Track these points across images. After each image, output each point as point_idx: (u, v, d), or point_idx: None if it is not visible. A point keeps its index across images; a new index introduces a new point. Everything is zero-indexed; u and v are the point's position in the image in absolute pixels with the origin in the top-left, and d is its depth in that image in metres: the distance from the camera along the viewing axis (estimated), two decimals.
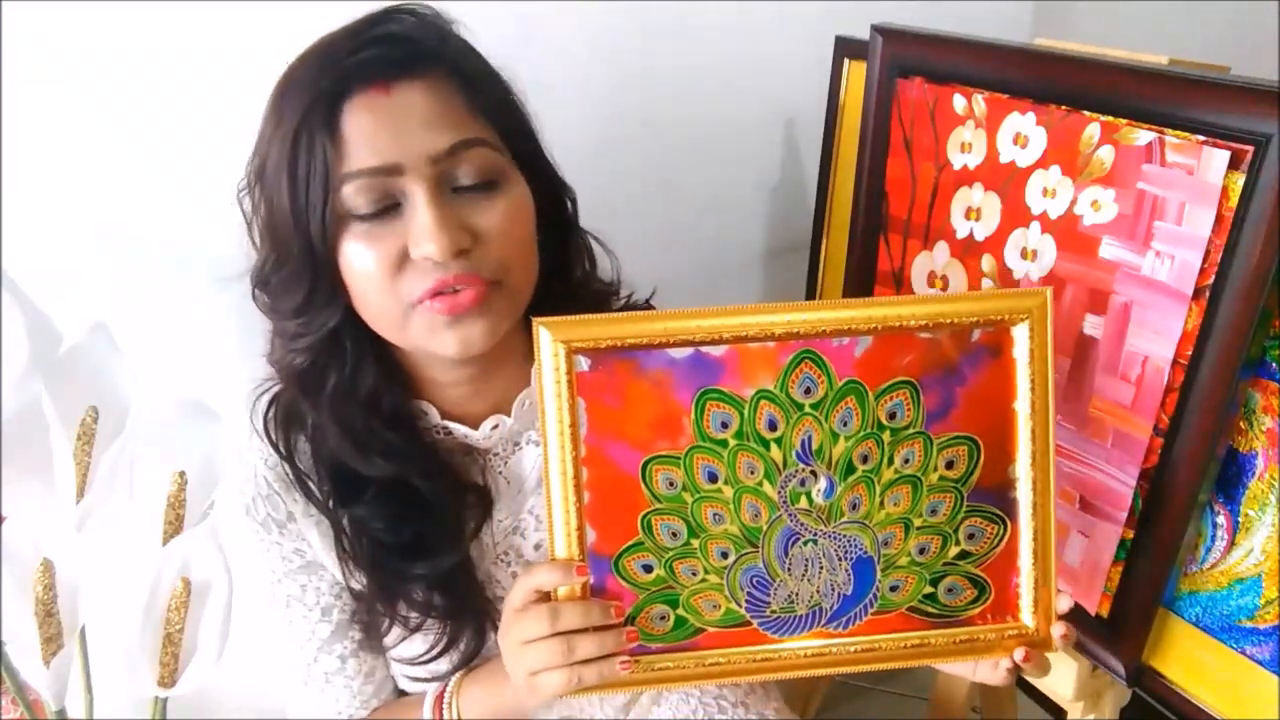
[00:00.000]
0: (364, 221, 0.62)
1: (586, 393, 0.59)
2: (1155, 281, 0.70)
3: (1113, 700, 0.88)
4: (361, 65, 0.61)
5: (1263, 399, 0.69)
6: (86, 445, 0.69)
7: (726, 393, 0.59)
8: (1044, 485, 0.62)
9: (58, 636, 0.68)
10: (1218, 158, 0.64)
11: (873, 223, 0.94)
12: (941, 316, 0.59)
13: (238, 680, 0.87)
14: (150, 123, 0.82)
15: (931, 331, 0.60)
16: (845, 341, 0.59)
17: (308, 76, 0.62)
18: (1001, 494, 0.62)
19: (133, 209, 0.84)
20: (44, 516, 0.68)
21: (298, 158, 0.61)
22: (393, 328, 0.65)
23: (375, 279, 0.62)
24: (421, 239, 0.61)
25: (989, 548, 0.63)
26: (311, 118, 0.60)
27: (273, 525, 0.72)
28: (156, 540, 0.72)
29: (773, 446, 0.60)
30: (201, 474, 0.74)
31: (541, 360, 0.59)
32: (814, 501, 0.61)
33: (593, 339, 0.59)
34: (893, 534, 0.62)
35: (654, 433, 0.60)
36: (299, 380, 0.69)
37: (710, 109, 1.12)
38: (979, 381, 0.60)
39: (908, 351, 0.60)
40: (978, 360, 0.60)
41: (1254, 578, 0.71)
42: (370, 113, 0.61)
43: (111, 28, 0.78)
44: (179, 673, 0.71)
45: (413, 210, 0.62)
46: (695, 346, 0.59)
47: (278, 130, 0.62)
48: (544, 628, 0.60)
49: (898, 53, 0.87)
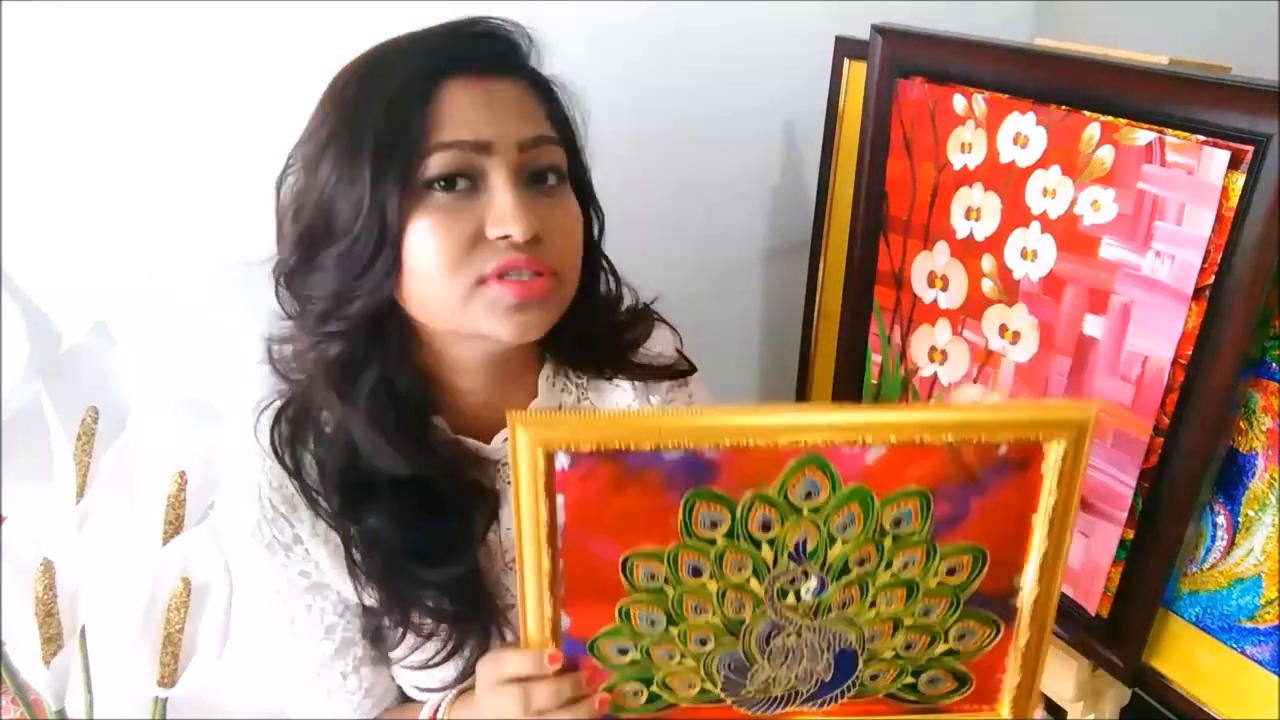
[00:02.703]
0: (445, 194, 0.64)
1: (566, 488, 0.54)
2: (1155, 281, 0.70)
3: (1113, 700, 0.88)
4: (464, 55, 0.65)
5: (1263, 399, 0.69)
6: (86, 445, 0.69)
7: (719, 494, 0.53)
8: (1048, 596, 0.57)
9: (58, 636, 0.68)
10: (1218, 158, 0.64)
11: (873, 223, 0.94)
12: (968, 432, 0.52)
13: (238, 680, 0.87)
14: (150, 123, 0.82)
15: (953, 443, 0.53)
16: (856, 449, 0.53)
17: (405, 58, 0.65)
18: (1002, 600, 0.58)
19: (133, 209, 0.84)
20: (44, 516, 0.68)
21: (389, 127, 0.62)
22: (451, 306, 0.65)
23: (447, 253, 0.63)
24: (504, 218, 0.63)
25: (978, 647, 0.59)
26: (409, 92, 0.63)
27: (279, 548, 0.72)
28: (156, 540, 0.72)
29: (764, 546, 0.55)
30: (201, 474, 0.74)
31: (518, 457, 0.53)
32: (802, 598, 0.57)
33: (574, 441, 0.53)
34: (880, 631, 0.58)
35: (637, 529, 0.55)
36: (330, 371, 0.68)
37: (710, 109, 1.12)
38: (998, 493, 0.54)
39: (924, 461, 0.53)
40: (1001, 473, 0.54)
41: (1254, 578, 0.71)
42: (468, 93, 0.64)
43: (111, 28, 0.78)
44: (179, 673, 0.71)
45: (492, 191, 0.64)
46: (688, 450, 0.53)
47: (360, 104, 0.64)
48: (517, 710, 0.61)
49: (898, 53, 0.87)
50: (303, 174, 0.67)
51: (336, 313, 0.66)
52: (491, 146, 0.64)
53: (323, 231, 0.65)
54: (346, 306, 0.66)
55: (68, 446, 0.68)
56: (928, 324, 0.91)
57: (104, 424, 0.70)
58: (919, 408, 0.54)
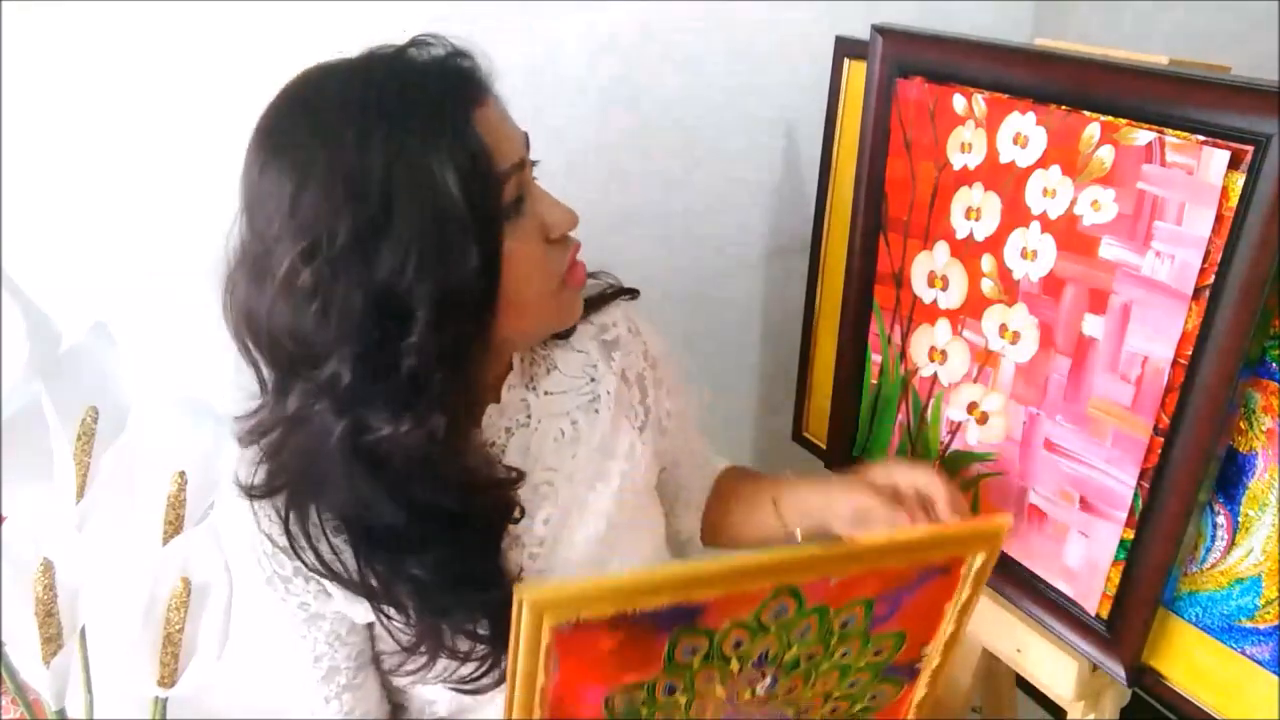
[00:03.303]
0: (513, 215, 0.66)
1: (561, 646, 0.54)
2: (1155, 282, 0.70)
3: (1113, 700, 0.88)
4: (468, 84, 0.65)
5: (1263, 399, 0.69)
6: (86, 445, 0.69)
7: (701, 629, 0.57)
8: (945, 662, 0.66)
9: (58, 636, 0.68)
10: (1217, 158, 0.64)
11: (872, 223, 0.94)
12: (916, 554, 0.60)
13: (238, 680, 0.87)
14: (150, 123, 0.82)
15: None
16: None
17: (419, 96, 0.61)
18: (909, 666, 0.66)
19: (133, 209, 0.84)
20: (44, 516, 0.68)
21: (458, 168, 0.60)
22: (546, 311, 0.71)
23: (539, 262, 0.68)
24: (562, 219, 0.69)
25: (885, 703, 0.68)
26: (460, 130, 0.61)
27: (278, 583, 0.72)
28: (156, 540, 0.72)
29: (733, 660, 0.59)
30: (201, 474, 0.74)
31: (521, 628, 0.53)
32: (757, 694, 0.62)
33: (577, 614, 0.53)
34: (814, 703, 0.65)
35: (623, 668, 0.57)
36: (359, 451, 0.64)
37: (710, 109, 1.12)
38: (924, 592, 0.62)
39: (876, 577, 0.60)
40: (930, 577, 0.62)
41: (1254, 578, 0.71)
42: (491, 120, 0.65)
43: (112, 28, 0.78)
44: (179, 673, 0.71)
45: (534, 199, 0.68)
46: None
47: (410, 150, 0.59)
48: None
49: (898, 53, 0.87)
50: (325, 275, 0.60)
51: (429, 379, 0.63)
52: (526, 162, 0.68)
53: (399, 307, 0.60)
54: (446, 365, 0.63)
55: (68, 446, 0.68)
56: (928, 324, 0.91)
57: (104, 424, 0.70)
58: (877, 537, 0.63)
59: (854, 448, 1.03)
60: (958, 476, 0.90)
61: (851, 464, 1.04)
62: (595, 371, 0.82)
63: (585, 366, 0.82)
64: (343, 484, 0.65)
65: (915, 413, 0.94)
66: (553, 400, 0.79)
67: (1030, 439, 0.82)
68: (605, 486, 0.80)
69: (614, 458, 0.82)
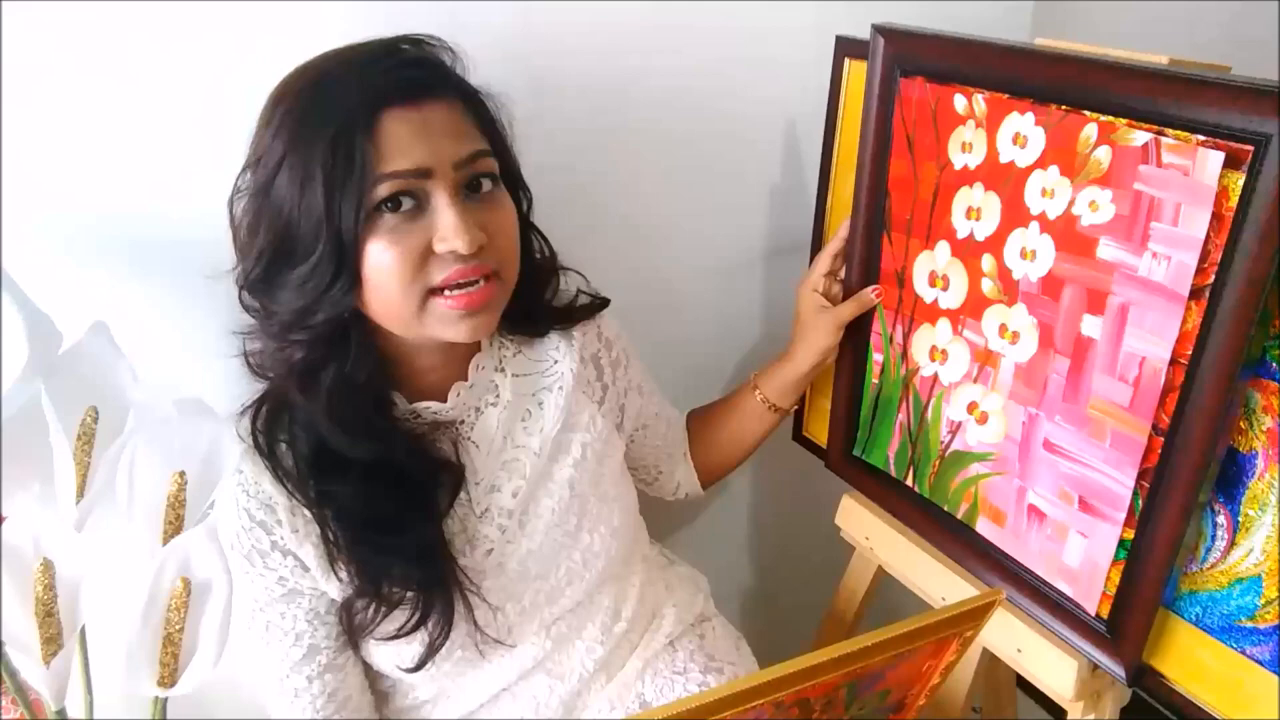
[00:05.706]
0: (394, 217, 0.70)
1: None
2: (1152, 282, 0.70)
3: (1113, 700, 0.89)
4: (395, 84, 0.69)
5: (1263, 399, 0.69)
6: (86, 445, 0.69)
7: None
8: (929, 704, 0.72)
9: (58, 636, 0.68)
10: (1212, 159, 0.64)
11: (874, 222, 0.94)
12: (919, 639, 0.61)
13: (238, 680, 0.87)
14: (150, 122, 0.82)
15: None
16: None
17: (345, 88, 0.69)
18: (895, 706, 0.70)
19: (133, 209, 0.84)
20: (44, 516, 0.68)
21: (335, 159, 0.67)
22: (406, 316, 0.73)
23: (400, 270, 0.70)
24: (449, 235, 0.70)
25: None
26: (353, 125, 0.67)
27: (256, 557, 0.78)
28: (156, 540, 0.72)
29: None
30: (201, 474, 0.74)
31: None
32: None
33: None
34: None
35: None
36: (293, 371, 0.74)
37: (710, 109, 1.12)
38: (910, 664, 0.64)
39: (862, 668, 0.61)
40: (917, 650, 0.63)
41: (1254, 578, 0.71)
42: (405, 124, 0.69)
43: (111, 28, 0.78)
44: (179, 673, 0.71)
45: (436, 210, 0.70)
46: None
47: (307, 133, 0.68)
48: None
49: (899, 52, 0.87)
50: (257, 195, 0.71)
51: (300, 324, 0.72)
52: (431, 171, 0.70)
53: (283, 253, 0.71)
54: (310, 318, 0.72)
55: (68, 446, 0.68)
56: (928, 323, 0.91)
57: (104, 424, 0.70)
58: (880, 633, 0.61)
59: (854, 447, 1.03)
60: (958, 476, 0.91)
61: (852, 464, 1.04)
62: (558, 354, 0.90)
63: (549, 350, 0.90)
64: (297, 400, 0.75)
65: (916, 412, 0.94)
66: (520, 381, 0.87)
67: (1029, 439, 0.82)
68: (567, 457, 0.89)
69: (575, 430, 0.90)
